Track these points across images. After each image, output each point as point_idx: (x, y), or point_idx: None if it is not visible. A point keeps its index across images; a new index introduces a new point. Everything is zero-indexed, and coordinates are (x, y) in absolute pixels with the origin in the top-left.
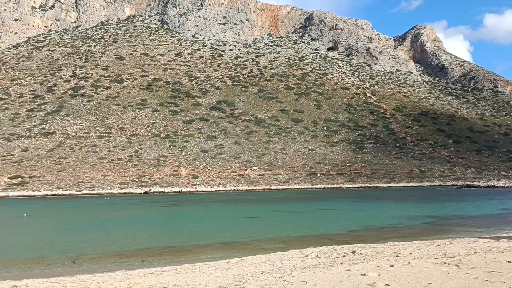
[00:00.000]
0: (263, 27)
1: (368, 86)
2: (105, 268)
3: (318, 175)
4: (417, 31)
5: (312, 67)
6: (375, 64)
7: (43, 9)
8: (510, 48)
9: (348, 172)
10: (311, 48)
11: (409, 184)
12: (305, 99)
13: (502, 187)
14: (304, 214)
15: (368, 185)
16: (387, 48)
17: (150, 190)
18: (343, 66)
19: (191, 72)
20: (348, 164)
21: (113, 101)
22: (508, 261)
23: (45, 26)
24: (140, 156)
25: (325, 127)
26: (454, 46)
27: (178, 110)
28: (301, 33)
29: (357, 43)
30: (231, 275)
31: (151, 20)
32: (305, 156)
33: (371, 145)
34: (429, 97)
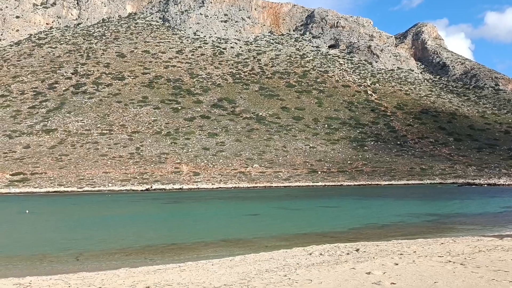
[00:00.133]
0: (264, 25)
1: (369, 84)
2: (108, 266)
3: (319, 172)
4: (418, 29)
5: (313, 65)
6: (376, 62)
7: (45, 6)
8: (511, 46)
9: (349, 170)
10: (312, 46)
11: (410, 182)
12: (306, 96)
13: (503, 185)
14: (305, 211)
15: (369, 182)
16: (388, 46)
17: (151, 187)
18: (344, 64)
19: (192, 69)
20: (349, 161)
21: (115, 98)
22: None
23: (47, 23)
24: (141, 153)
25: (326, 125)
26: (455, 44)
27: (179, 108)
28: (302, 31)
29: (358, 41)
30: (235, 273)
31: (152, 18)
32: (306, 153)
33: (372, 143)
34: (430, 95)
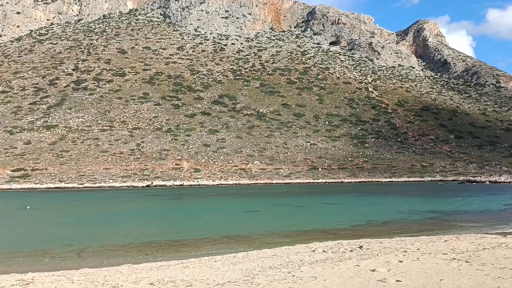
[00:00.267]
0: (265, 21)
1: (370, 81)
2: (110, 262)
3: (320, 169)
4: (420, 26)
5: (314, 62)
6: (377, 58)
7: (45, 2)
8: None
9: (349, 167)
10: (313, 43)
11: (411, 179)
12: (307, 93)
13: (504, 182)
14: (306, 208)
15: (370, 179)
16: (389, 43)
17: (152, 183)
18: (345, 61)
19: (193, 66)
20: (349, 158)
21: (115, 94)
22: None
23: (47, 19)
24: (142, 150)
25: (327, 122)
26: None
27: (180, 104)
28: (303, 27)
29: (359, 38)
30: (238, 269)
31: (153, 14)
32: (307, 150)
33: (373, 140)
34: (431, 92)
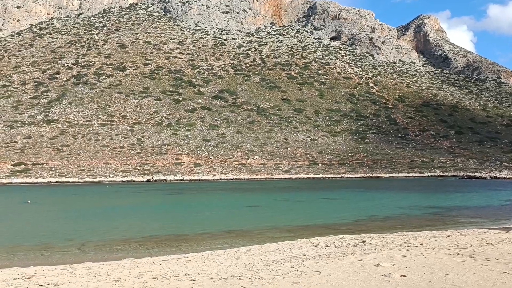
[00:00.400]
0: (266, 16)
1: (370, 76)
2: (112, 256)
3: (320, 164)
4: (421, 21)
5: (315, 57)
6: (378, 54)
7: None
8: None
9: (349, 162)
10: (314, 38)
11: (411, 174)
12: (308, 88)
13: (504, 178)
14: (306, 203)
15: (370, 175)
16: (390, 38)
17: (152, 178)
18: (346, 56)
19: (194, 60)
20: (350, 154)
21: (116, 89)
22: None
23: (48, 14)
24: (142, 144)
25: (327, 117)
26: (457, 37)
27: (181, 99)
28: (304, 22)
29: (360, 33)
30: (241, 264)
31: (153, 8)
32: (307, 145)
33: (373, 135)
34: (432, 88)
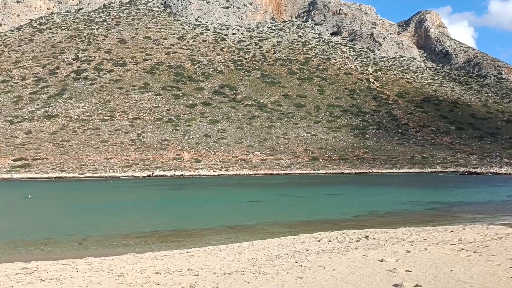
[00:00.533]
0: (266, 11)
1: (371, 72)
2: (113, 251)
3: (320, 160)
4: (422, 17)
5: (315, 52)
6: (378, 49)
7: None
8: None
9: (350, 158)
10: (314, 33)
11: (411, 170)
12: (308, 84)
13: (504, 174)
14: (307, 199)
15: (370, 170)
16: (390, 34)
17: (152, 173)
18: (346, 51)
19: (194, 56)
20: (350, 149)
21: (116, 84)
22: None
23: (48, 9)
24: (142, 140)
25: (327, 113)
26: (458, 32)
27: (181, 94)
28: (304, 18)
29: (360, 28)
30: (244, 259)
31: (153, 3)
32: (307, 141)
33: (374, 131)
34: (432, 83)
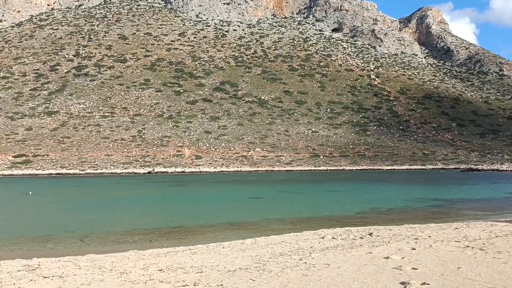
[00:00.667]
0: (267, 8)
1: (372, 68)
2: (115, 248)
3: (321, 157)
4: (423, 13)
5: (317, 48)
6: (379, 46)
7: None
8: None
9: (351, 154)
10: (315, 29)
11: (412, 167)
12: (309, 80)
13: (506, 170)
14: (309, 195)
15: (371, 167)
16: (392, 30)
17: (153, 170)
18: (347, 48)
19: (195, 52)
20: (351, 146)
21: (117, 80)
22: None
23: (48, 4)
24: (143, 136)
25: (328, 109)
26: (460, 29)
27: (182, 91)
28: (305, 14)
29: (362, 25)
30: (248, 256)
31: (154, 0)
32: (308, 138)
33: (375, 128)
34: (434, 80)
